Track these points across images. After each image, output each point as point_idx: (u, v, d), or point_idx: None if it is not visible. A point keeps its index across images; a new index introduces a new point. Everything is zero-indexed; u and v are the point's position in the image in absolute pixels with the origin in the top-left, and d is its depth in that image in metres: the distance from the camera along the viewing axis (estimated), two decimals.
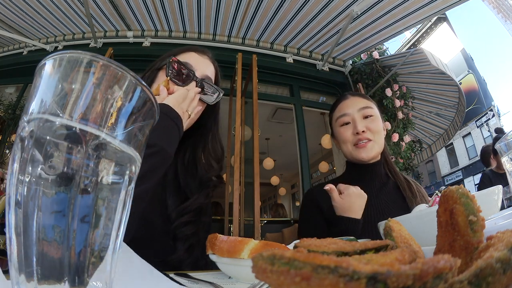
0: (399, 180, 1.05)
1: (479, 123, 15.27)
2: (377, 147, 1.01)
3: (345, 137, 1.04)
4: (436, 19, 16.33)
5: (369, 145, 1.00)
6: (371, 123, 1.01)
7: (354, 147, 1.02)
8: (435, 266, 0.12)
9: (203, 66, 0.83)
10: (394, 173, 1.07)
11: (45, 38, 3.39)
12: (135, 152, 0.24)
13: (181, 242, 0.75)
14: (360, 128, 0.99)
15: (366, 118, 1.02)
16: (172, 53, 0.83)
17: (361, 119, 1.02)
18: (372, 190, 1.00)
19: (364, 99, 1.07)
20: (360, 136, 1.00)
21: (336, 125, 1.08)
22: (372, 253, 0.23)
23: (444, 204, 0.25)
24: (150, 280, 0.33)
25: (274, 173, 7.21)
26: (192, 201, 0.79)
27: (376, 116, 1.04)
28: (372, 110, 1.04)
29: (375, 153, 1.01)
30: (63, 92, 0.21)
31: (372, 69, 3.50)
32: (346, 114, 1.04)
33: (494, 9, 13.12)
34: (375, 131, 1.01)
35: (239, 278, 0.47)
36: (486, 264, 0.14)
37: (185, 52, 0.84)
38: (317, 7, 2.78)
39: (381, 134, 1.03)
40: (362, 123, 1.01)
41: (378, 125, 1.02)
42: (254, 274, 0.13)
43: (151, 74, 0.82)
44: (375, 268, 0.11)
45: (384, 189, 1.04)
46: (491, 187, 0.52)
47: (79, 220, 0.20)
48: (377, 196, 1.01)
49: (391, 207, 0.98)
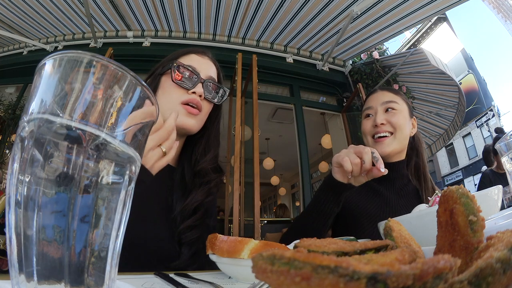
0: (426, 188, 1.00)
1: (479, 123, 15.27)
2: (396, 143, 0.97)
3: (365, 128, 1.03)
4: (436, 19, 16.33)
5: (387, 140, 0.97)
6: (392, 117, 0.98)
7: (372, 141, 1.00)
8: (435, 266, 0.12)
9: (205, 67, 0.82)
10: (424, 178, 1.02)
11: (45, 38, 3.39)
12: (135, 152, 0.24)
13: (186, 247, 0.72)
14: (379, 120, 0.97)
15: (388, 111, 1.00)
16: (172, 57, 0.82)
17: (383, 112, 1.00)
18: (391, 190, 0.97)
19: (391, 93, 1.04)
20: (378, 129, 0.98)
21: (363, 117, 1.07)
22: (372, 253, 0.23)
23: (444, 204, 0.25)
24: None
25: (274, 173, 7.21)
26: (191, 198, 0.76)
27: (400, 111, 1.00)
28: (397, 104, 1.00)
29: (392, 149, 0.97)
30: (63, 92, 0.21)
31: (372, 69, 3.50)
32: (370, 107, 1.03)
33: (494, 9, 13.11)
34: (396, 125, 0.97)
35: (239, 278, 0.47)
36: (486, 264, 0.14)
37: (185, 55, 0.83)
38: (317, 7, 2.78)
39: (403, 130, 0.98)
40: (382, 116, 0.99)
41: (400, 119, 0.98)
42: (254, 274, 0.13)
43: (153, 80, 0.80)
44: (375, 268, 0.11)
45: (403, 191, 1.00)
46: (491, 187, 0.52)
47: (79, 220, 0.20)
48: (395, 197, 0.98)
49: (408, 210, 0.97)
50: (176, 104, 0.75)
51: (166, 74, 0.78)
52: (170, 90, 0.76)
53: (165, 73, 0.79)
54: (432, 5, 2.66)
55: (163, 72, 0.79)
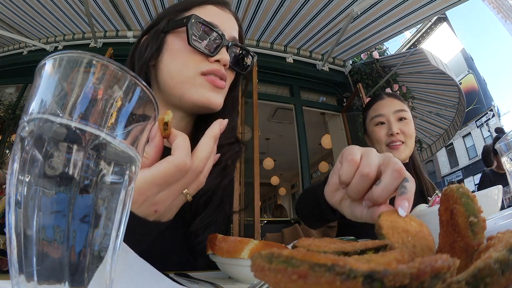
0: (424, 183, 1.06)
1: (479, 123, 15.26)
2: (408, 150, 1.04)
3: (379, 136, 1.06)
4: (436, 19, 16.32)
5: (402, 147, 1.02)
6: (405, 126, 1.04)
7: (387, 147, 1.05)
8: (433, 266, 0.12)
9: (228, 25, 0.62)
10: (420, 173, 1.08)
11: (45, 38, 3.39)
12: (135, 152, 0.24)
13: (201, 257, 0.58)
14: (395, 130, 1.02)
15: (401, 120, 1.05)
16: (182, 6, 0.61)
17: (396, 121, 1.05)
18: None
19: (400, 102, 1.09)
20: (394, 138, 1.03)
21: (371, 124, 1.10)
22: (372, 253, 0.23)
23: (445, 203, 0.24)
24: (149, 280, 0.33)
25: (274, 173, 7.21)
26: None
27: (410, 120, 1.06)
28: (407, 113, 1.06)
29: (406, 155, 1.03)
30: (63, 92, 0.21)
31: (372, 69, 3.50)
32: (381, 115, 1.07)
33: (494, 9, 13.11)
34: (408, 135, 1.03)
35: (239, 278, 0.47)
36: (485, 264, 0.14)
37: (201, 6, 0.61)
38: (317, 7, 2.78)
39: (413, 138, 1.05)
40: (397, 125, 1.04)
41: (411, 128, 1.05)
42: (252, 272, 0.13)
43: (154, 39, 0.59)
44: (372, 267, 0.11)
45: None
46: (491, 187, 0.52)
47: (79, 220, 0.20)
48: None
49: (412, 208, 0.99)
50: (195, 76, 0.57)
51: (175, 32, 0.58)
52: (184, 57, 0.57)
53: (174, 30, 0.58)
54: (432, 5, 2.66)
55: (171, 29, 0.58)
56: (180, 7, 0.61)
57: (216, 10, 0.62)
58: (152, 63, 0.60)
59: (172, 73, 0.57)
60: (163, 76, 0.58)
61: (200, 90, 0.57)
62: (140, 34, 0.65)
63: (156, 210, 0.39)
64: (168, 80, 0.57)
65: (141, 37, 0.64)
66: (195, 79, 0.57)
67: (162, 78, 0.58)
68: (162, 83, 0.59)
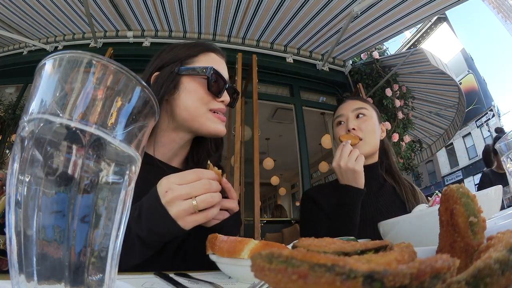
0: (403, 185, 1.06)
1: (479, 123, 15.26)
2: (368, 147, 1.03)
3: (337, 135, 1.08)
4: (436, 19, 16.32)
5: (360, 143, 1.02)
6: (362, 123, 1.05)
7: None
8: (433, 266, 0.12)
9: (225, 70, 0.77)
10: (398, 177, 1.09)
11: (45, 38, 3.39)
12: (135, 152, 0.24)
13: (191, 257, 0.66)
14: (350, 126, 1.03)
15: (358, 117, 1.06)
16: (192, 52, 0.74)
17: (354, 119, 1.06)
18: (370, 191, 1.01)
19: (360, 101, 1.11)
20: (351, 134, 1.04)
21: (334, 125, 1.14)
22: (372, 253, 0.23)
23: (445, 203, 0.24)
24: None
25: (274, 173, 7.21)
26: None
27: (369, 117, 1.06)
28: (366, 110, 1.07)
29: (366, 152, 1.01)
30: (63, 92, 0.21)
31: (372, 69, 3.50)
32: (341, 115, 1.09)
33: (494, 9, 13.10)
34: (366, 130, 1.03)
35: (239, 278, 0.47)
36: (485, 264, 0.14)
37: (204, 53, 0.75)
38: (317, 7, 2.78)
39: (373, 135, 1.04)
40: (354, 122, 1.05)
41: (369, 124, 1.05)
42: (252, 272, 0.13)
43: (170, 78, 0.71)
44: (372, 267, 0.11)
45: (381, 190, 1.06)
46: (491, 187, 0.52)
47: (79, 220, 0.20)
48: (375, 197, 1.03)
49: (390, 208, 1.00)
50: (206, 112, 0.72)
51: (191, 76, 0.71)
52: (199, 96, 0.71)
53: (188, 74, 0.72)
54: (432, 5, 2.65)
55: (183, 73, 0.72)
56: (189, 53, 0.74)
57: (217, 58, 0.77)
58: (165, 98, 0.72)
59: (189, 108, 0.71)
60: (179, 109, 0.71)
61: (213, 123, 0.73)
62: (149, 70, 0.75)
63: (167, 191, 0.49)
64: (184, 113, 0.71)
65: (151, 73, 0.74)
66: (207, 115, 0.72)
67: (179, 111, 0.71)
68: (178, 115, 0.71)
